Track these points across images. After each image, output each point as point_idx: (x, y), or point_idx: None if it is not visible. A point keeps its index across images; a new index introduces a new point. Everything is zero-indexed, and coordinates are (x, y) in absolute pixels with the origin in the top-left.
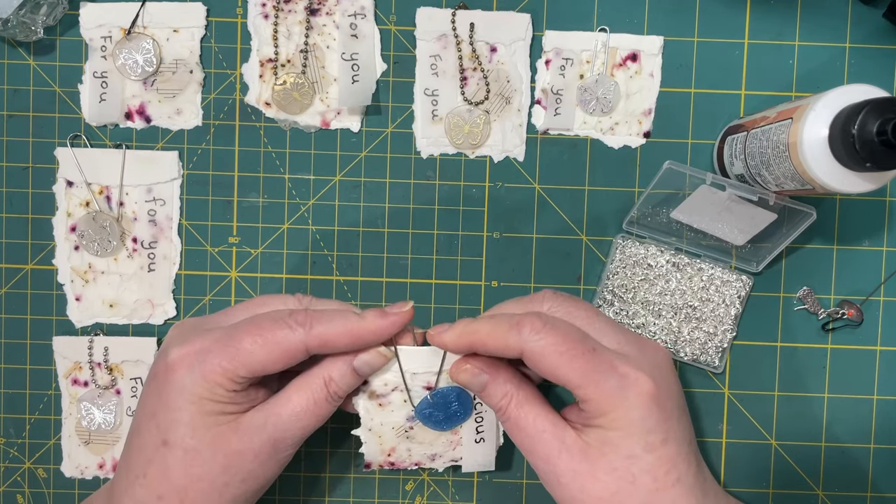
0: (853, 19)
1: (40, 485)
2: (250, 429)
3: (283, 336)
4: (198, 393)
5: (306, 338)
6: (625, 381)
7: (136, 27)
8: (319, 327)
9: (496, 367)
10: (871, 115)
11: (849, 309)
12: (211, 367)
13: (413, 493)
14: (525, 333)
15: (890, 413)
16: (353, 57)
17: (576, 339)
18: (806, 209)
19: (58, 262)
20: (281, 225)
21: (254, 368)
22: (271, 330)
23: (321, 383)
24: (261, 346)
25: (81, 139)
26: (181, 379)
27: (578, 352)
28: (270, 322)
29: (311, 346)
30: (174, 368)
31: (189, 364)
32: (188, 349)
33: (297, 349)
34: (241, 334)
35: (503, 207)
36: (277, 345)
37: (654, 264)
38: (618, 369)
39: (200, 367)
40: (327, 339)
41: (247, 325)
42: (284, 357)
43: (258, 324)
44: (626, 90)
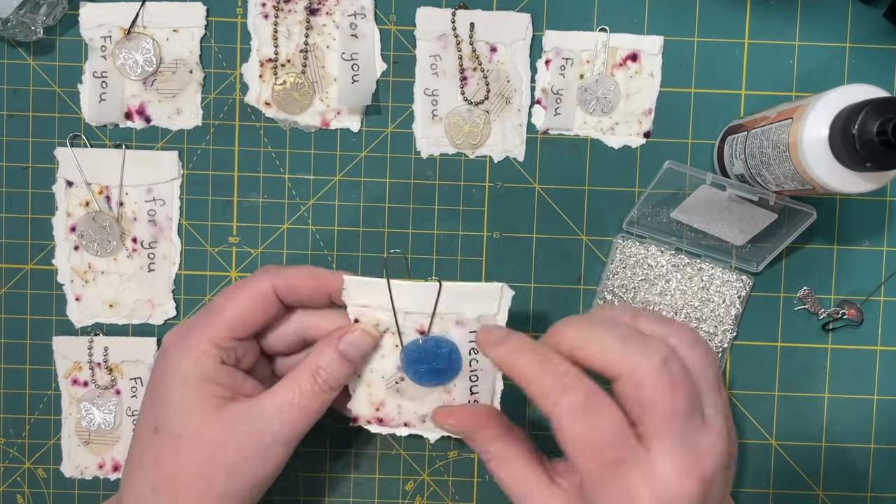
0: (853, 19)
1: (40, 485)
2: (234, 418)
3: (251, 286)
4: (185, 371)
5: (272, 281)
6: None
7: (136, 27)
8: (286, 273)
9: (480, 424)
10: (872, 115)
11: (849, 309)
12: (194, 338)
13: (413, 493)
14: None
15: (890, 413)
16: (353, 57)
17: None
18: (806, 209)
19: (58, 262)
20: (281, 225)
21: (232, 325)
22: (238, 286)
23: (309, 374)
24: (232, 300)
25: (81, 139)
26: (171, 359)
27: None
28: (236, 283)
29: (278, 287)
30: (165, 351)
31: (175, 341)
32: (176, 330)
33: (267, 293)
34: (215, 301)
35: (503, 207)
36: (248, 294)
37: (654, 264)
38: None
39: (185, 341)
40: (293, 282)
41: (216, 296)
42: (257, 305)
43: (225, 289)
44: (626, 90)
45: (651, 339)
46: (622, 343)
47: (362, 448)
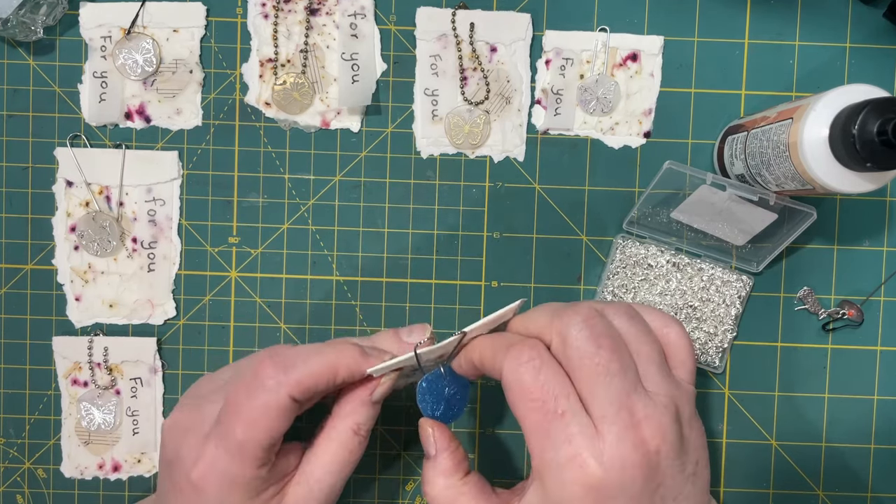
0: (853, 19)
1: (40, 485)
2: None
3: (262, 404)
4: (237, 499)
5: (287, 390)
6: (570, 463)
7: (136, 27)
8: (294, 374)
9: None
10: (872, 115)
11: (849, 309)
12: (233, 475)
13: (413, 493)
14: (509, 357)
15: (890, 413)
16: (353, 57)
17: (550, 392)
18: (806, 209)
19: (57, 262)
20: (281, 225)
21: (262, 447)
22: (251, 406)
23: (350, 433)
24: (252, 427)
25: (81, 139)
26: (217, 496)
27: (543, 408)
28: (245, 394)
29: (296, 395)
30: (203, 490)
31: (215, 484)
32: (204, 468)
33: (285, 406)
34: (230, 426)
35: (503, 207)
36: (264, 416)
37: (654, 264)
38: (571, 445)
39: (226, 481)
40: (307, 385)
41: (229, 411)
42: (278, 420)
43: (236, 404)
44: (627, 90)
45: (581, 306)
46: (552, 312)
47: None
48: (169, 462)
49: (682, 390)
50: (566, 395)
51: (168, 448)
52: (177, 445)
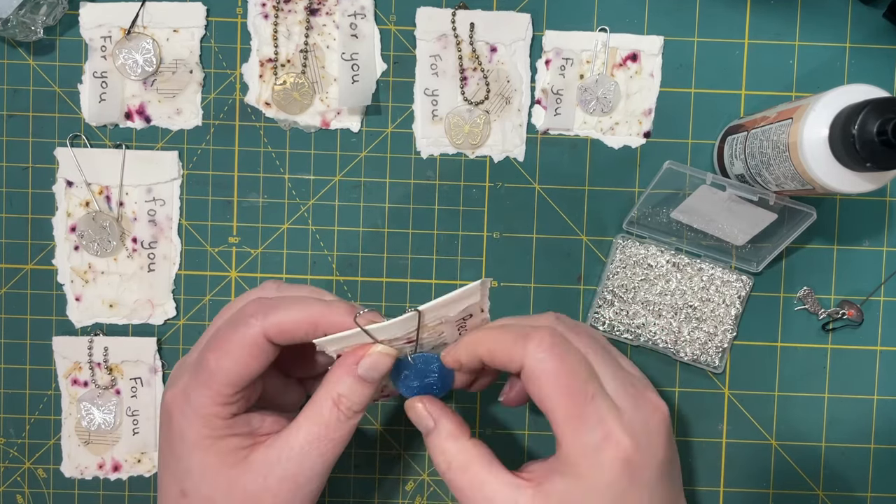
0: (853, 19)
1: (40, 485)
2: (263, 467)
3: (239, 336)
4: (197, 433)
5: (262, 328)
6: (605, 442)
7: (136, 27)
8: (275, 315)
9: (443, 418)
10: (872, 115)
11: (849, 309)
12: (197, 402)
13: (413, 493)
14: (530, 348)
15: (890, 413)
16: (353, 57)
17: (580, 377)
18: (806, 209)
19: (58, 262)
20: (281, 225)
21: (230, 381)
22: (227, 336)
23: (330, 404)
24: (224, 356)
25: (81, 139)
26: (179, 424)
27: (574, 390)
28: (225, 329)
29: (270, 335)
30: (170, 415)
31: (179, 406)
32: (174, 392)
33: (259, 343)
34: (205, 355)
35: (503, 207)
36: (238, 347)
37: (654, 264)
38: (604, 425)
39: (189, 407)
40: (285, 328)
41: (208, 343)
42: (251, 356)
43: (216, 337)
44: (626, 90)
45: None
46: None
47: (362, 448)
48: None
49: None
50: (592, 378)
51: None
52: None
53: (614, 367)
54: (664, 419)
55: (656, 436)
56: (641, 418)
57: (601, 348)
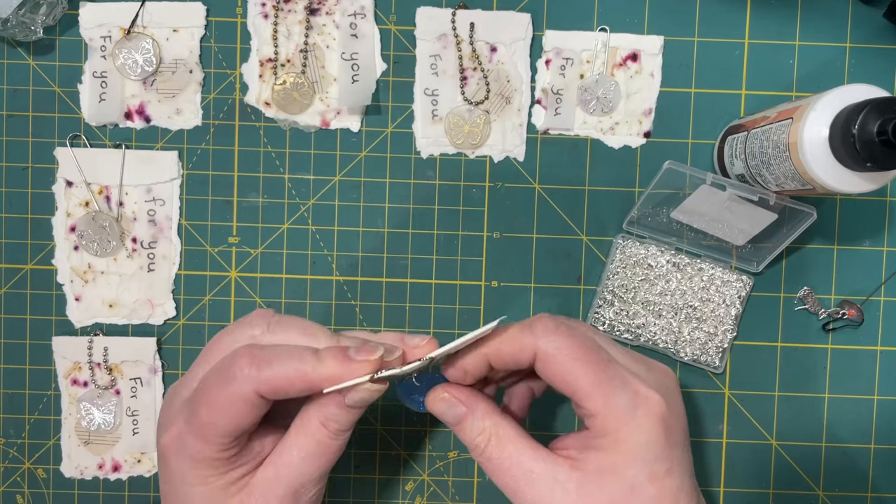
0: (853, 19)
1: (40, 485)
2: (263, 487)
3: (230, 393)
4: (197, 475)
5: (254, 386)
6: (636, 400)
7: (136, 27)
8: (268, 371)
9: (475, 400)
10: (872, 115)
11: (849, 309)
12: (195, 449)
13: (413, 493)
14: (538, 332)
15: (890, 413)
16: (353, 57)
17: (591, 347)
18: (806, 209)
19: (57, 262)
20: (281, 225)
21: (225, 433)
22: (217, 391)
23: (317, 424)
24: (215, 411)
25: (81, 139)
26: (177, 467)
27: (593, 359)
28: (216, 381)
29: (262, 392)
30: (167, 457)
31: (176, 451)
32: (169, 437)
33: (250, 400)
34: (196, 408)
35: (503, 207)
36: (229, 404)
37: (654, 264)
38: (631, 385)
39: (186, 452)
40: (278, 386)
41: (199, 393)
42: (243, 412)
43: (206, 388)
44: (627, 90)
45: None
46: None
47: (362, 448)
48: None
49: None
50: (601, 347)
51: (161, 414)
52: (160, 419)
53: (616, 346)
54: (675, 380)
55: (676, 393)
56: (657, 379)
57: (598, 334)
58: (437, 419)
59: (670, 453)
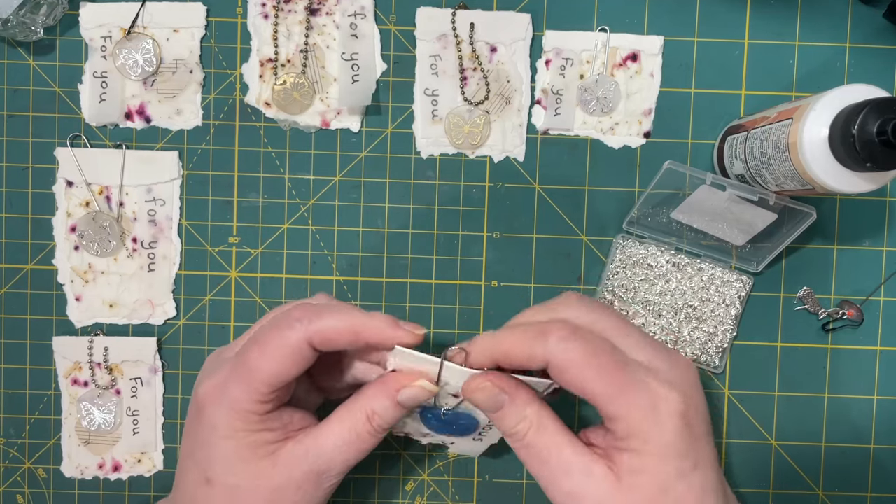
0: (853, 19)
1: (40, 485)
2: (290, 460)
3: (283, 338)
4: (230, 426)
5: (306, 333)
6: (656, 400)
7: (136, 27)
8: (319, 322)
9: (516, 388)
10: (871, 115)
11: (849, 309)
12: (233, 397)
13: (413, 493)
14: (552, 342)
15: (890, 413)
16: (353, 57)
17: (606, 351)
18: (806, 209)
19: (58, 262)
20: (281, 225)
21: (269, 381)
22: (271, 336)
23: (363, 417)
24: (266, 355)
25: (81, 139)
26: (211, 416)
27: (609, 365)
28: (270, 329)
29: (313, 341)
30: (203, 406)
31: (214, 399)
32: (210, 384)
33: (301, 347)
34: (246, 352)
35: (503, 207)
36: (280, 348)
37: (654, 264)
38: (649, 386)
39: (225, 400)
40: (328, 335)
41: (251, 341)
42: (292, 359)
43: (260, 336)
44: (627, 90)
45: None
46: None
47: None
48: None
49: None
50: (616, 350)
51: (197, 379)
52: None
53: (638, 337)
54: (696, 373)
55: (696, 388)
56: (679, 374)
57: (624, 323)
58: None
59: (694, 448)
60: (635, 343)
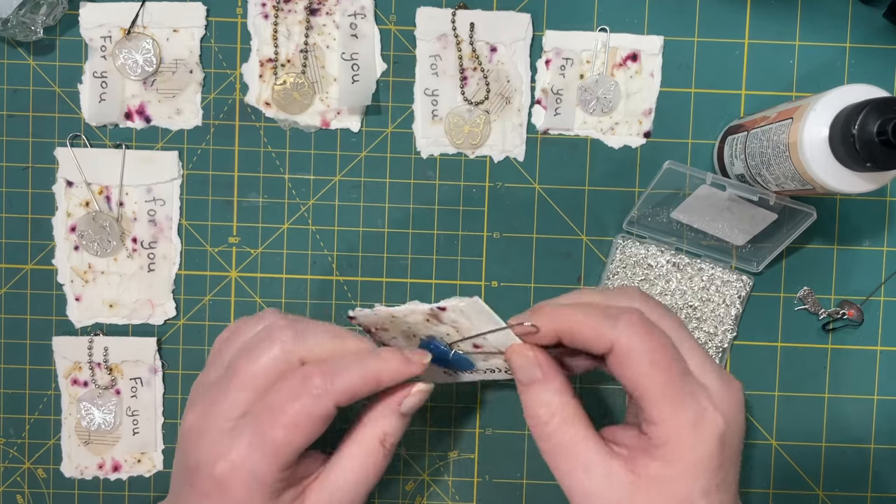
0: (853, 19)
1: (40, 485)
2: None
3: (310, 411)
4: (261, 499)
5: (332, 400)
6: (702, 416)
7: (136, 27)
8: (341, 383)
9: (554, 372)
10: (872, 115)
11: (849, 309)
12: (261, 475)
13: (413, 493)
14: (621, 326)
15: (890, 413)
16: (353, 57)
17: (670, 353)
18: (806, 209)
19: (58, 262)
20: (281, 225)
21: (297, 452)
22: (294, 409)
23: (377, 443)
24: (294, 431)
25: (81, 139)
26: (242, 495)
27: (671, 368)
28: (290, 401)
29: (341, 403)
30: (228, 488)
31: (242, 480)
32: (229, 467)
33: (329, 414)
34: (270, 428)
35: (503, 207)
36: (309, 422)
37: (654, 264)
38: (699, 401)
39: (253, 479)
40: (352, 394)
41: (271, 415)
42: (319, 427)
43: (279, 405)
44: (627, 90)
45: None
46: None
47: None
48: (187, 468)
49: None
50: (679, 356)
51: (189, 455)
52: (197, 450)
53: (693, 346)
54: (743, 396)
55: (740, 410)
56: (728, 394)
57: (683, 328)
58: (437, 420)
59: (723, 469)
60: (691, 353)
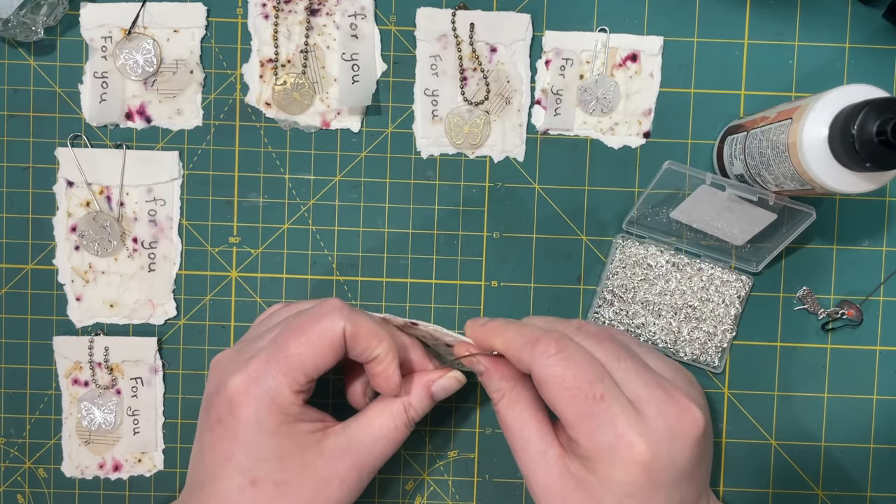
0: (853, 19)
1: (40, 485)
2: (335, 453)
3: (322, 327)
4: (274, 420)
5: (346, 325)
6: (618, 443)
7: (137, 27)
8: (357, 316)
9: (496, 362)
10: (871, 115)
11: (848, 309)
12: (275, 390)
13: (413, 492)
14: (537, 354)
15: (890, 413)
16: (353, 57)
17: (585, 379)
18: (806, 209)
19: (58, 262)
20: (281, 225)
21: (306, 369)
22: (309, 326)
23: (401, 408)
24: (305, 344)
25: (82, 139)
26: (252, 413)
27: (582, 394)
28: (307, 319)
29: (349, 334)
30: (240, 404)
31: (254, 395)
32: (244, 380)
33: (338, 338)
34: (284, 342)
35: (503, 207)
36: (320, 338)
37: (654, 264)
38: (616, 427)
39: (266, 394)
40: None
41: (286, 331)
42: (329, 349)
43: (296, 324)
44: (626, 90)
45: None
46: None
47: None
48: (208, 394)
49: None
50: (601, 379)
51: (211, 382)
52: (221, 373)
53: (638, 369)
54: (693, 420)
55: (680, 439)
56: (664, 421)
57: (624, 351)
58: (437, 420)
59: (649, 494)
60: (631, 377)
